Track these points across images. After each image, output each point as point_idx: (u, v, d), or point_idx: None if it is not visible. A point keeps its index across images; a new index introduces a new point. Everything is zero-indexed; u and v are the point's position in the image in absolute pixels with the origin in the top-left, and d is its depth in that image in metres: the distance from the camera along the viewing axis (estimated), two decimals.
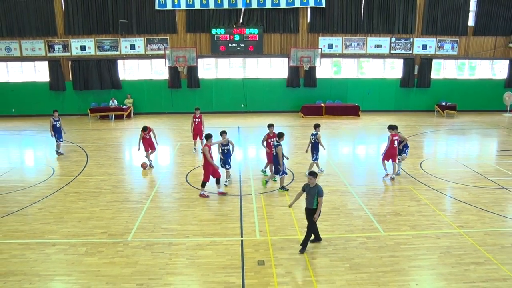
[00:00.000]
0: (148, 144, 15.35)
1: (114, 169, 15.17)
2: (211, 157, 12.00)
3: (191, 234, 9.89)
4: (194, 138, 17.39)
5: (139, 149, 15.08)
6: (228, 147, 13.02)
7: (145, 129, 15.03)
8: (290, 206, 9.48)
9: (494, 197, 12.24)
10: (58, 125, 16.78)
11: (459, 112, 26.57)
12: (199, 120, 17.14)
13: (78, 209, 11.42)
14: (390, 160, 13.78)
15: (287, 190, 12.73)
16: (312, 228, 8.99)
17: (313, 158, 14.05)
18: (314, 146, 13.94)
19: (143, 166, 15.10)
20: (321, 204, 8.74)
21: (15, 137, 20.99)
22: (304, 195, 9.01)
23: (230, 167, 13.34)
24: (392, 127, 13.70)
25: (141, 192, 12.79)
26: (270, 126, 13.79)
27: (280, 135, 12.66)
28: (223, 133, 12.99)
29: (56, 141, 16.93)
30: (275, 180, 13.44)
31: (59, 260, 8.73)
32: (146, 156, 15.36)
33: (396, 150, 13.70)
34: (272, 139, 13.29)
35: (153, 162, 15.49)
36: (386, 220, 10.64)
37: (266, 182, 13.28)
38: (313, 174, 8.75)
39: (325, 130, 21.89)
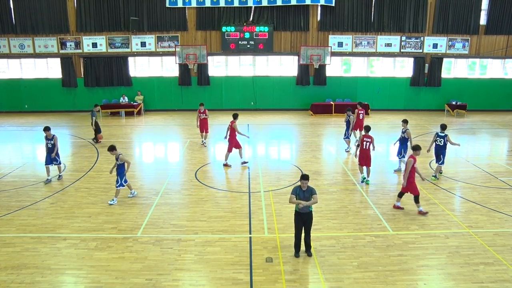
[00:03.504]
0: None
1: None
2: (414, 171, 10.94)
3: (200, 231, 9.97)
4: (201, 131, 17.95)
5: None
6: None
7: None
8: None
9: (504, 198, 12.14)
10: (49, 145, 13.32)
11: (469, 111, 26.34)
12: (205, 115, 17.52)
13: (89, 204, 11.57)
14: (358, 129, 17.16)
15: (438, 178, 13.62)
16: (301, 233, 8.73)
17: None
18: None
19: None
20: (315, 201, 8.45)
21: (28, 133, 21.24)
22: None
23: None
24: (361, 105, 17.77)
25: (150, 188, 12.88)
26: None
27: (443, 127, 13.52)
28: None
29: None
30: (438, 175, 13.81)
31: (69, 254, 8.87)
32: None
33: (362, 122, 16.99)
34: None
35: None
36: (395, 219, 10.63)
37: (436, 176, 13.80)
38: (305, 178, 8.41)
39: (334, 128, 21.89)
